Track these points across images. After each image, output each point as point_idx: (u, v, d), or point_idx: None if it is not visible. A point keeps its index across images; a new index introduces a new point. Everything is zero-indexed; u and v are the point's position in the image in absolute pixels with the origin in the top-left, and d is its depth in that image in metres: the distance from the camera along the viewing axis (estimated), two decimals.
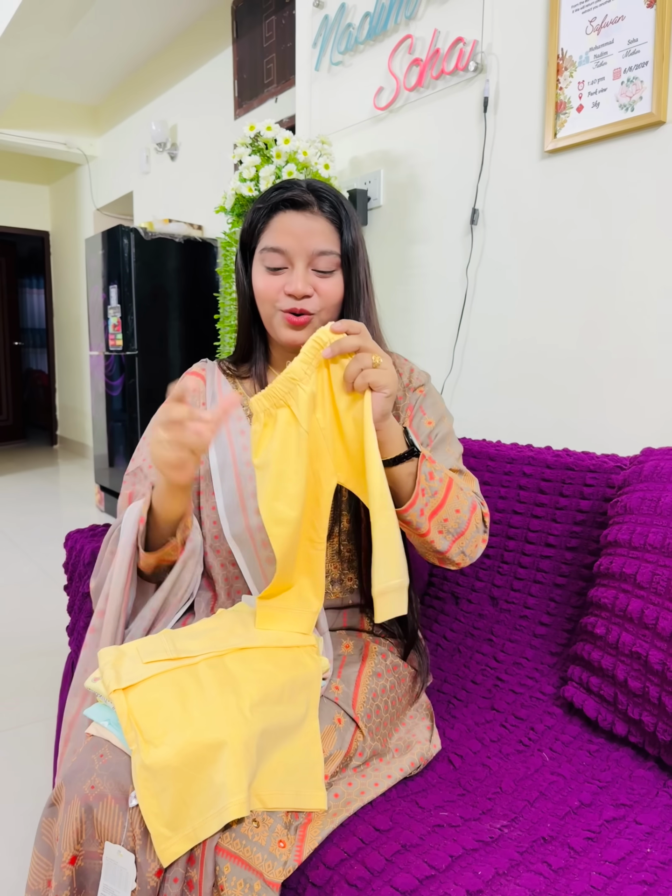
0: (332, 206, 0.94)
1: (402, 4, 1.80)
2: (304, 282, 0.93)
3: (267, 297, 0.96)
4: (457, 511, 0.89)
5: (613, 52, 1.37)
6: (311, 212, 0.93)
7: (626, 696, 0.96)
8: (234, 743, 0.73)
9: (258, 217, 0.96)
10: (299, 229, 0.92)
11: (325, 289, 0.94)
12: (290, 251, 0.93)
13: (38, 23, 3.47)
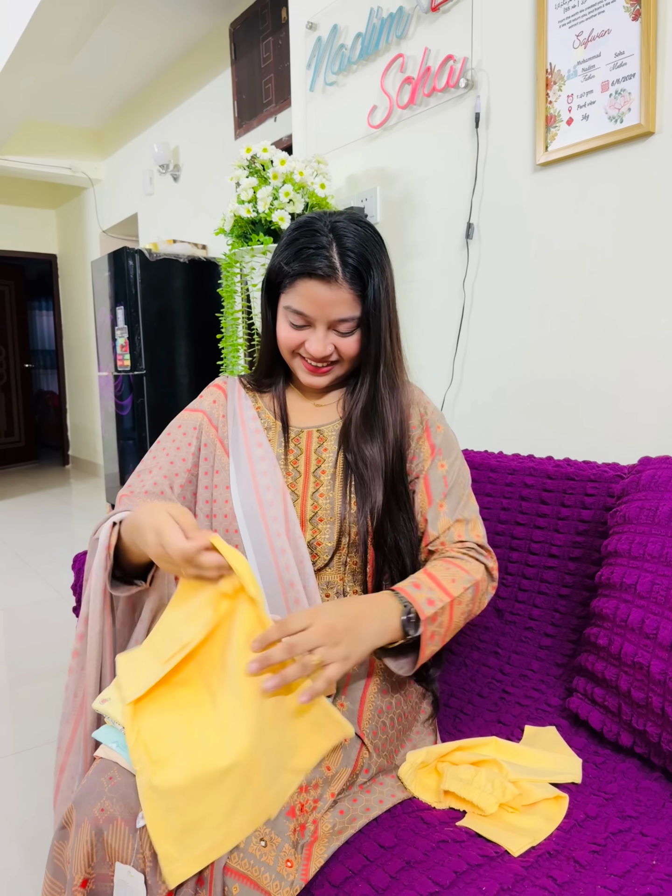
0: (355, 269, 0.94)
1: (393, 24, 1.82)
2: (323, 344, 0.98)
3: (288, 347, 1.02)
4: (462, 613, 0.95)
5: (601, 65, 1.39)
6: (335, 282, 0.94)
7: (629, 707, 0.96)
8: (242, 764, 0.73)
9: (282, 271, 0.98)
10: (322, 299, 0.95)
11: (344, 346, 1.00)
12: (312, 316, 0.97)
13: (40, 52, 3.54)
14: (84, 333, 6.15)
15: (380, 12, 1.86)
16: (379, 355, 1.00)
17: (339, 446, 1.05)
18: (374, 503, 1.00)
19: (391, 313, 1.01)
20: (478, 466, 1.41)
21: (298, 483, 1.05)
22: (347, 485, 1.02)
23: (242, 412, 1.08)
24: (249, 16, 3.57)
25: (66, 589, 3.04)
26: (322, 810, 0.81)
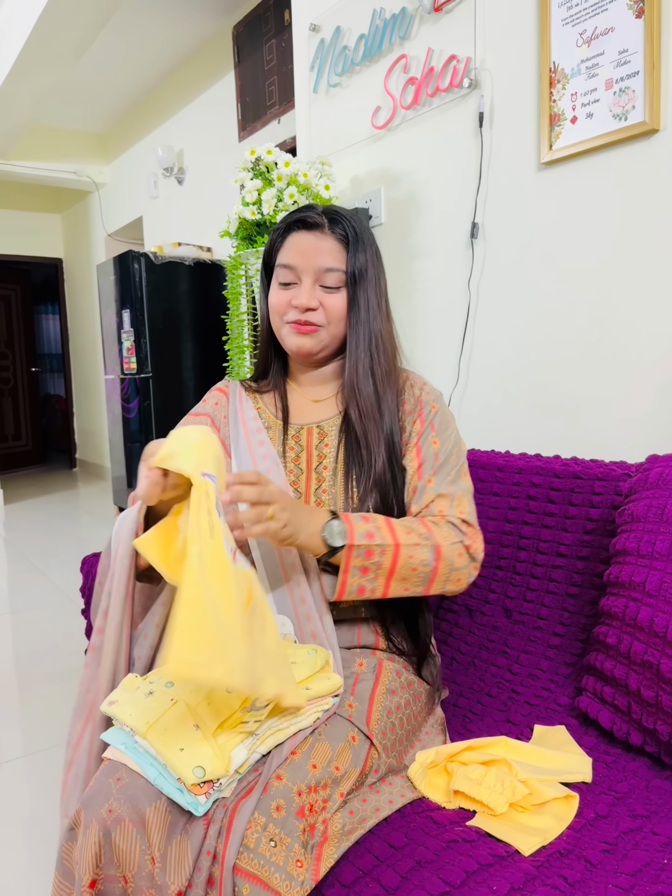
0: (342, 229, 1.00)
1: (396, 25, 1.83)
2: (308, 295, 0.99)
3: (277, 310, 1.03)
4: (413, 569, 0.93)
5: (604, 63, 1.39)
6: (321, 232, 1.00)
7: (639, 706, 0.95)
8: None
9: (275, 237, 1.04)
10: (308, 247, 0.99)
11: (330, 303, 1.00)
12: (298, 267, 1.00)
13: (44, 57, 3.55)
14: (90, 337, 6.18)
15: (382, 13, 1.86)
16: (369, 316, 1.01)
17: (338, 440, 1.05)
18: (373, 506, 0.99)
19: (381, 300, 1.03)
20: (485, 466, 1.41)
21: (301, 480, 1.05)
22: (349, 479, 1.03)
23: (243, 412, 1.09)
24: (252, 18, 3.58)
25: (75, 592, 3.05)
26: (331, 810, 0.81)
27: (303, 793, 0.79)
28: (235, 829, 0.75)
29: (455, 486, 1.02)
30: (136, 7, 3.61)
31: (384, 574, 0.93)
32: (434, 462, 1.02)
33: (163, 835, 0.76)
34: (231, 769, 0.78)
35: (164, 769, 0.78)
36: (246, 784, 0.80)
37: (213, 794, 0.77)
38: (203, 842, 0.76)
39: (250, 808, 0.76)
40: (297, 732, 0.85)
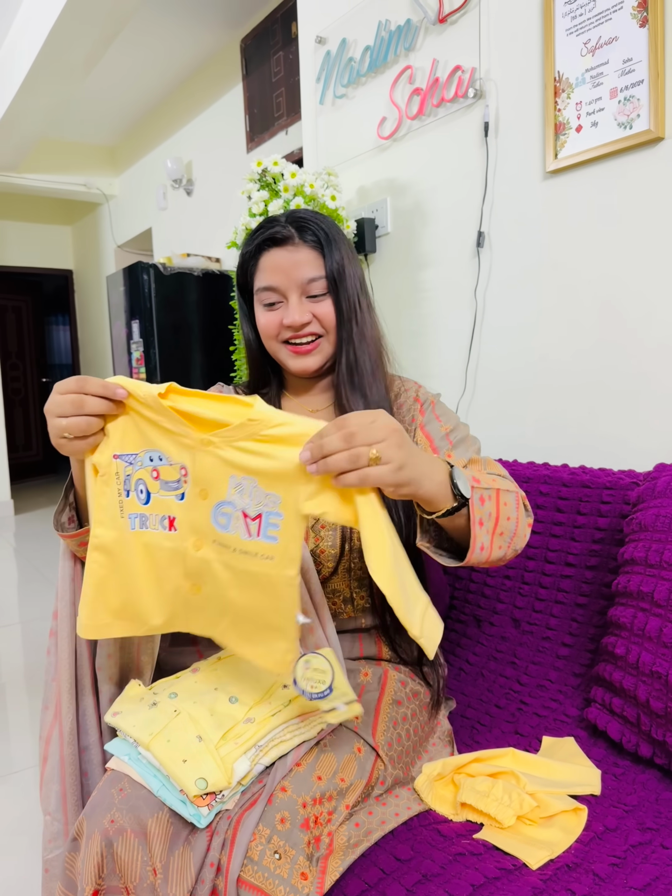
0: (313, 234, 0.98)
1: (401, 36, 1.84)
2: (300, 311, 0.97)
3: (269, 334, 1.00)
4: (507, 518, 0.83)
5: (609, 72, 1.39)
6: (293, 245, 0.97)
7: (648, 717, 0.94)
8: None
9: (247, 260, 1.01)
10: (285, 263, 0.97)
11: (321, 312, 0.98)
12: (281, 287, 0.97)
13: (55, 71, 3.60)
14: (100, 347, 6.22)
15: (388, 25, 1.88)
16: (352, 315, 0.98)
17: None
18: None
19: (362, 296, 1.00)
20: None
21: None
22: None
23: None
24: (260, 31, 3.62)
25: None
26: (337, 822, 0.81)
27: (308, 805, 0.78)
28: (239, 841, 0.74)
29: (480, 455, 0.97)
30: (145, 21, 3.65)
31: (491, 524, 0.80)
32: (446, 441, 0.99)
33: (165, 846, 0.76)
34: (233, 781, 0.77)
35: (166, 780, 0.78)
36: (250, 796, 0.79)
37: (215, 805, 0.77)
38: (207, 853, 0.75)
39: (254, 819, 0.75)
40: (301, 744, 0.84)
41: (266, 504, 0.71)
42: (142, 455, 0.77)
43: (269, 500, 0.71)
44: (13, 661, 2.50)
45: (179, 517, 0.77)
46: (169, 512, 0.78)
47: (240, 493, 0.72)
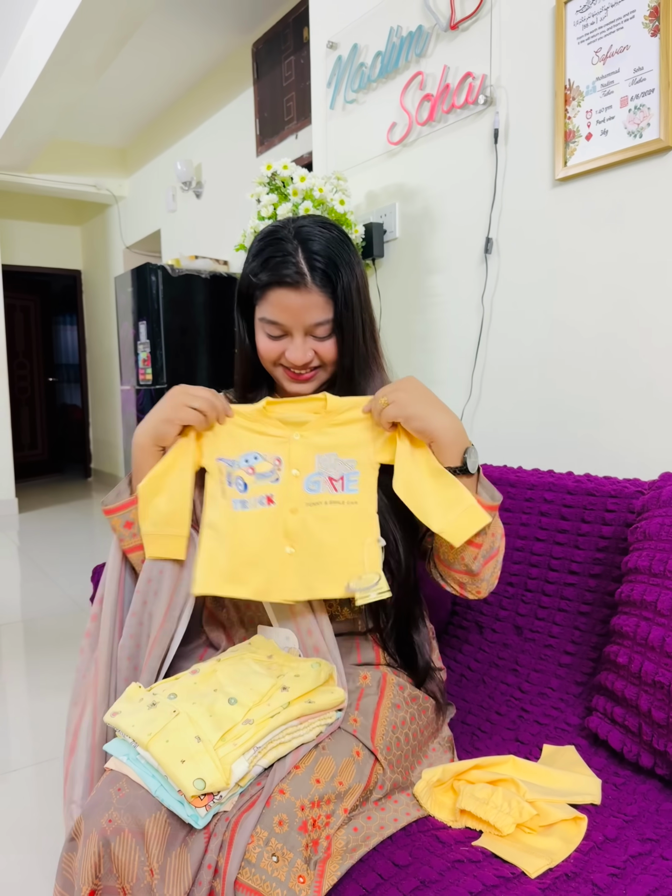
0: (323, 274, 0.94)
1: (413, 43, 1.84)
2: (303, 351, 0.97)
3: (269, 358, 1.01)
4: (492, 534, 0.95)
5: (620, 80, 1.39)
6: (304, 287, 0.94)
7: (650, 727, 0.94)
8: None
9: (253, 283, 0.98)
10: (294, 306, 0.94)
11: (323, 350, 0.98)
12: (287, 325, 0.96)
13: (67, 72, 3.62)
14: (107, 348, 6.24)
15: (399, 31, 1.88)
16: (353, 353, 0.99)
17: None
18: None
19: (364, 313, 1.00)
20: (496, 481, 1.40)
21: None
22: None
23: None
24: (272, 36, 3.63)
25: (85, 601, 3.06)
26: (335, 826, 0.80)
27: (306, 807, 0.78)
28: (237, 842, 0.74)
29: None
30: (158, 24, 3.68)
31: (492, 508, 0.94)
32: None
33: (162, 847, 0.75)
34: (232, 782, 0.77)
35: (164, 781, 0.78)
36: (248, 797, 0.79)
37: (213, 807, 0.76)
38: (204, 855, 0.75)
39: (252, 821, 0.75)
40: (300, 746, 0.84)
41: (345, 468, 0.97)
42: (239, 459, 0.98)
43: (347, 465, 0.97)
44: (15, 659, 2.50)
45: (276, 494, 0.97)
46: (267, 492, 0.98)
47: (323, 465, 0.97)
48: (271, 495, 0.98)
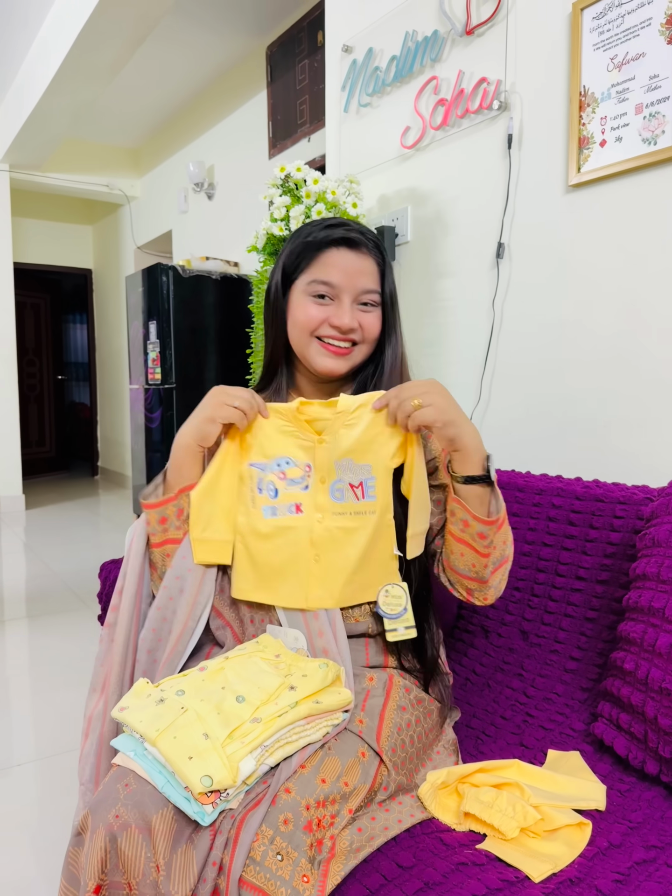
0: (378, 250, 1.00)
1: (428, 47, 1.85)
2: (350, 316, 0.98)
3: (307, 325, 0.99)
4: (504, 542, 0.97)
5: (635, 87, 1.39)
6: (362, 252, 0.98)
7: (656, 734, 0.94)
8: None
9: (308, 252, 0.99)
10: (351, 267, 0.97)
11: (368, 323, 1.00)
12: (339, 286, 0.97)
13: (82, 72, 3.65)
14: (116, 347, 6.26)
15: (415, 35, 1.89)
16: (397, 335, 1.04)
17: None
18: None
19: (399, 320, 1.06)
20: (505, 486, 1.41)
21: None
22: None
23: None
24: (286, 39, 3.65)
25: (91, 598, 3.07)
26: (339, 826, 0.80)
27: (311, 807, 0.78)
28: (242, 840, 0.74)
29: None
30: (173, 26, 3.70)
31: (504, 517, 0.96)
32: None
33: (168, 843, 0.76)
34: (239, 780, 0.77)
35: (171, 777, 0.78)
36: (254, 796, 0.79)
37: (219, 804, 0.77)
38: (209, 852, 0.76)
39: (258, 820, 0.75)
40: (307, 746, 0.84)
41: (363, 474, 0.97)
42: (271, 463, 0.99)
43: (364, 470, 0.97)
44: (19, 656, 2.51)
45: (305, 502, 0.99)
46: (296, 500, 0.99)
47: (343, 470, 0.97)
48: (300, 503, 0.99)
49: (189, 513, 1.00)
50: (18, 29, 4.07)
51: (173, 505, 0.99)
